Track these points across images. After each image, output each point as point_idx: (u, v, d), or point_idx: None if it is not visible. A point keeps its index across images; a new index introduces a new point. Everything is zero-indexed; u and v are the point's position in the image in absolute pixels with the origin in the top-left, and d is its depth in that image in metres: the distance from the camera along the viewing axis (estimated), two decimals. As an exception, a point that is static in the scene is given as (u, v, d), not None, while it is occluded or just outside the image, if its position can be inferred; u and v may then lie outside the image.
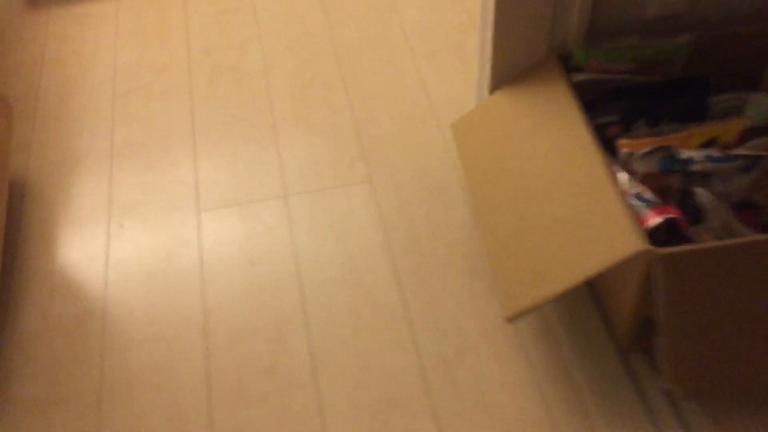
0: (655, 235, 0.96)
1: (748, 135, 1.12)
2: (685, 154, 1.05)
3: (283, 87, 1.56)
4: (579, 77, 1.18)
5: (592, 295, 1.19)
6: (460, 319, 1.17)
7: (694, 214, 1.04)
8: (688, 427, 1.03)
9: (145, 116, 1.53)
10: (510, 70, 1.24)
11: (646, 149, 1.04)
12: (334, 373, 1.12)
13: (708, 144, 1.08)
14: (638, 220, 0.97)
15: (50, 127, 1.52)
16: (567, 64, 1.20)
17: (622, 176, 1.04)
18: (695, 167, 1.04)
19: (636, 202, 1.00)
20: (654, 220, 0.97)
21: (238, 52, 1.65)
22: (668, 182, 1.06)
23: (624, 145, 1.07)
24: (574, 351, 1.12)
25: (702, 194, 1.02)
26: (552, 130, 1.14)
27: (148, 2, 1.80)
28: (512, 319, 1.03)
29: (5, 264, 1.28)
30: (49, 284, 1.26)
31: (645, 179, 1.05)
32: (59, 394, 1.13)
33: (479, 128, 1.25)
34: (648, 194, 1.01)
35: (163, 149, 1.46)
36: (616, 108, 1.15)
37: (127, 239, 1.32)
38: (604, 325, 1.14)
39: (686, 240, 0.98)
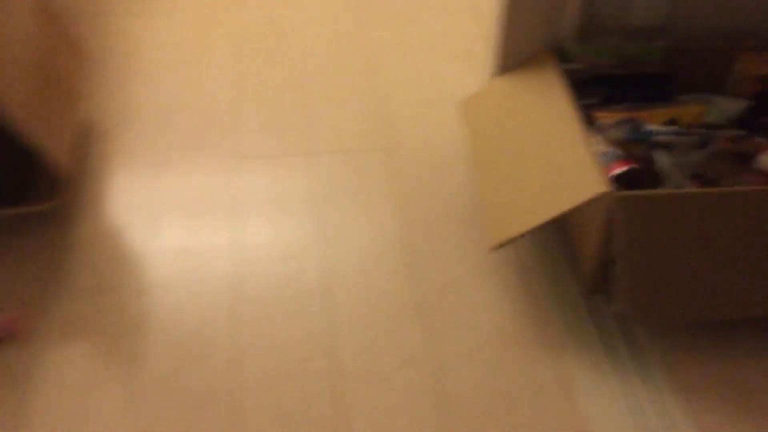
0: (619, 184, 1.17)
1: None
2: (650, 126, 1.26)
3: (317, 71, 1.80)
4: (569, 66, 1.41)
5: (564, 239, 1.40)
6: (454, 256, 1.37)
7: (655, 178, 1.26)
8: (634, 346, 1.22)
9: (197, 81, 1.76)
10: (512, 61, 1.47)
11: (617, 119, 1.26)
12: (341, 290, 1.32)
13: (669, 123, 1.30)
14: (606, 169, 1.18)
15: (114, 84, 1.75)
16: (560, 56, 1.43)
17: (597, 139, 1.26)
18: (658, 138, 1.26)
19: (606, 158, 1.21)
20: (619, 169, 1.18)
21: (281, 41, 1.89)
22: (634, 150, 1.27)
23: (600, 117, 1.29)
24: (545, 285, 1.32)
25: (661, 157, 1.23)
26: (543, 104, 1.36)
27: (203, -5, 2.05)
28: (495, 248, 1.23)
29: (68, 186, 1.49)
30: (102, 204, 1.47)
31: (615, 145, 1.26)
32: (105, 287, 1.32)
33: (483, 103, 1.47)
34: (617, 151, 1.22)
35: (212, 109, 1.69)
36: (597, 92, 1.37)
37: (173, 174, 1.53)
38: (573, 265, 1.35)
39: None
